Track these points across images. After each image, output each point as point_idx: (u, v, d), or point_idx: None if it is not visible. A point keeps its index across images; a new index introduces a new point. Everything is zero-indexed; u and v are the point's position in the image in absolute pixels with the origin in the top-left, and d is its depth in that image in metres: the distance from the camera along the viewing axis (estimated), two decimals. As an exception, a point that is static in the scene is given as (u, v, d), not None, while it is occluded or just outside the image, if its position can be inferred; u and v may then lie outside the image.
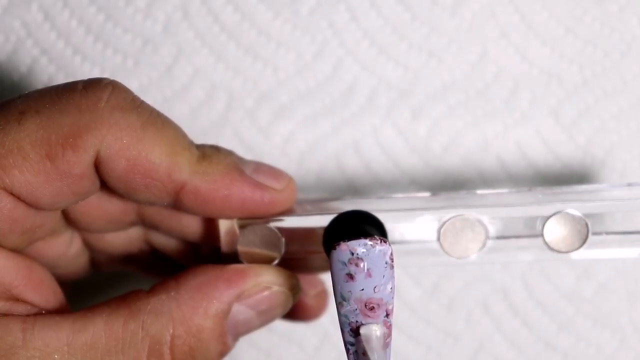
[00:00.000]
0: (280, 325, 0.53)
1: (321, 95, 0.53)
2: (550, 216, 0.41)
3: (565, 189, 0.43)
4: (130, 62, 0.52)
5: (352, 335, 0.38)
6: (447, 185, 0.53)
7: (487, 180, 0.53)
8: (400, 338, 0.54)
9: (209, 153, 0.39)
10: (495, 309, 0.54)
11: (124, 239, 0.45)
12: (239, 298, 0.39)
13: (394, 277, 0.37)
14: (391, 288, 0.37)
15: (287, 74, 0.53)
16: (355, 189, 0.53)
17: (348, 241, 0.36)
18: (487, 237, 0.41)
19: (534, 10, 0.52)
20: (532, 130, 0.52)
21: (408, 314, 0.54)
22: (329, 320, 0.53)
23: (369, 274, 0.37)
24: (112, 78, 0.38)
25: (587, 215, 0.41)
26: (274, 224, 0.41)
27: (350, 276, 0.37)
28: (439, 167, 0.53)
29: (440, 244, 0.41)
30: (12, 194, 0.36)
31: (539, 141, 0.52)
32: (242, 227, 0.41)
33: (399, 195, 0.44)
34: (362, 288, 0.37)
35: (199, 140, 0.40)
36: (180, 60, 0.52)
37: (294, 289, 0.41)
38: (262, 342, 0.55)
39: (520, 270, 0.54)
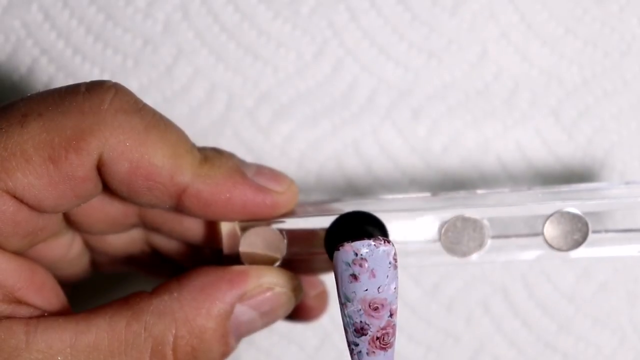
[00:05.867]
0: (280, 325, 0.53)
1: (321, 95, 0.53)
2: (550, 215, 0.41)
3: (565, 187, 0.43)
4: (130, 62, 0.52)
5: (356, 336, 0.38)
6: (447, 185, 0.53)
7: (487, 180, 0.53)
8: (401, 338, 0.54)
9: (210, 156, 0.39)
10: (495, 309, 0.54)
11: (125, 241, 0.45)
12: (241, 299, 0.39)
13: (397, 277, 0.37)
14: (395, 288, 0.37)
15: (287, 74, 0.53)
16: (355, 189, 0.53)
17: (352, 242, 0.36)
18: (488, 237, 0.41)
19: (534, 10, 0.52)
20: (532, 130, 0.52)
21: (408, 314, 0.54)
22: (329, 320, 0.54)
23: (372, 274, 0.37)
24: (112, 78, 0.39)
25: (586, 214, 0.41)
26: (275, 226, 0.41)
27: (354, 277, 0.37)
28: (439, 167, 0.53)
29: (441, 244, 0.41)
30: (15, 196, 0.36)
31: (539, 141, 0.52)
32: (243, 229, 0.41)
33: (400, 195, 0.44)
34: (366, 288, 0.37)
35: (199, 140, 0.40)
36: (180, 60, 0.52)
37: (296, 290, 0.41)
38: (262, 341, 0.55)
39: (521, 270, 0.54)
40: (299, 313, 0.47)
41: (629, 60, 0.52)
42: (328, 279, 0.47)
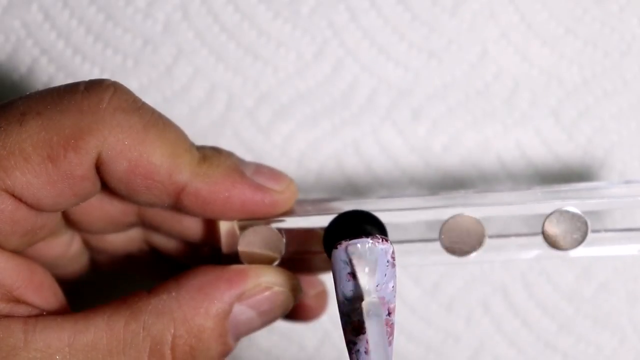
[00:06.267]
0: (280, 325, 0.53)
1: (321, 95, 0.53)
2: (550, 214, 0.41)
3: (564, 186, 0.43)
4: (130, 62, 0.52)
5: (354, 334, 0.38)
6: (447, 185, 0.53)
7: (487, 180, 0.53)
8: (401, 338, 0.54)
9: (209, 155, 0.39)
10: (495, 309, 0.54)
11: (124, 240, 0.45)
12: (240, 298, 0.39)
13: (395, 276, 0.37)
14: (393, 286, 0.37)
15: (287, 74, 0.53)
16: (355, 189, 0.53)
17: (350, 240, 0.36)
18: (487, 236, 0.41)
19: (534, 10, 0.52)
20: (532, 130, 0.52)
21: (408, 314, 0.54)
22: (329, 319, 0.53)
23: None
24: (112, 78, 0.38)
25: (586, 213, 0.41)
26: (274, 225, 0.41)
27: (352, 275, 0.37)
28: (439, 167, 0.53)
29: (440, 243, 0.41)
30: (13, 195, 0.36)
31: (539, 141, 0.52)
32: (242, 228, 0.41)
33: (399, 194, 0.44)
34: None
35: (199, 140, 0.40)
36: (180, 60, 0.52)
37: (295, 290, 0.41)
38: (262, 341, 0.55)
39: (520, 270, 0.54)
40: (298, 313, 0.47)
41: (629, 60, 0.52)
42: (328, 279, 0.47)
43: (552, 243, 0.41)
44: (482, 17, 0.52)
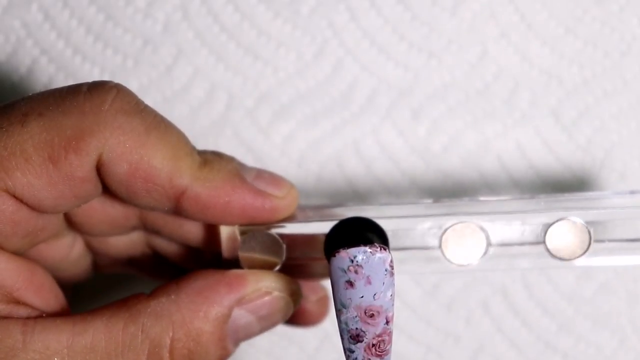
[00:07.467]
0: (281, 326, 0.53)
1: (321, 95, 0.53)
2: (553, 223, 0.41)
3: (568, 196, 0.43)
4: (130, 62, 0.52)
5: (352, 342, 0.38)
6: (447, 186, 0.53)
7: (487, 180, 0.53)
8: (401, 338, 0.54)
9: (210, 159, 0.39)
10: (495, 310, 0.54)
11: (126, 243, 0.45)
12: (239, 303, 0.39)
13: (394, 285, 0.37)
14: (391, 295, 0.37)
15: (287, 74, 0.52)
16: (355, 189, 0.53)
17: (348, 248, 0.36)
18: (489, 244, 0.41)
19: (534, 10, 0.52)
20: (532, 131, 0.52)
21: (408, 315, 0.54)
22: (329, 321, 0.53)
23: (368, 281, 0.37)
24: (112, 78, 0.39)
25: (589, 223, 0.41)
26: (275, 230, 0.41)
27: (350, 283, 0.37)
28: (439, 167, 0.53)
29: (442, 251, 0.41)
30: (14, 196, 0.36)
31: (539, 141, 0.52)
32: (243, 233, 0.41)
33: (401, 201, 0.44)
34: (361, 295, 0.37)
35: (199, 140, 0.40)
36: (180, 60, 0.52)
37: (295, 295, 0.41)
38: (262, 342, 0.55)
39: (521, 271, 0.54)
40: (299, 318, 0.47)
41: (629, 60, 0.52)
42: (329, 285, 0.47)
43: (554, 253, 0.41)
44: (482, 17, 0.52)
